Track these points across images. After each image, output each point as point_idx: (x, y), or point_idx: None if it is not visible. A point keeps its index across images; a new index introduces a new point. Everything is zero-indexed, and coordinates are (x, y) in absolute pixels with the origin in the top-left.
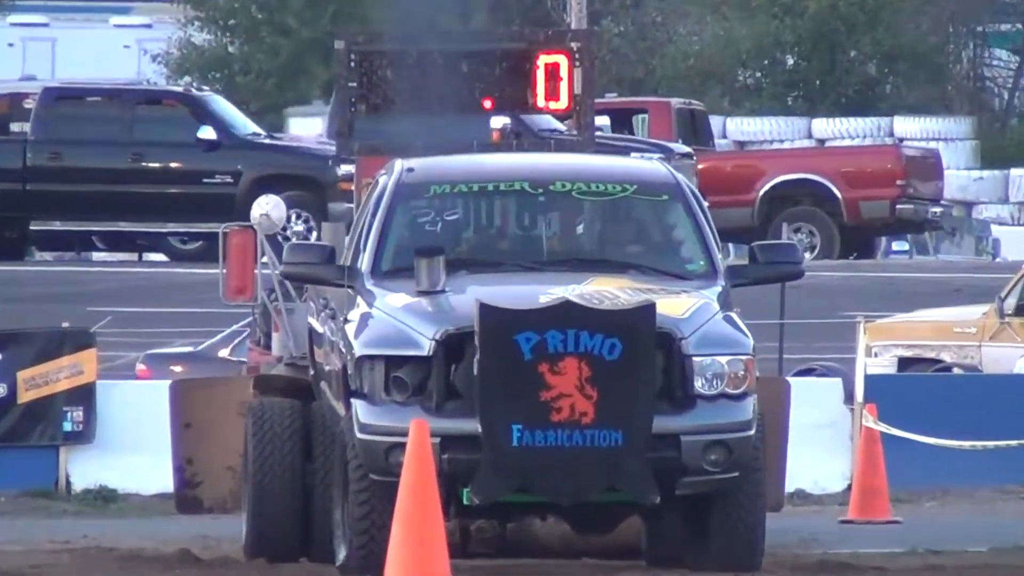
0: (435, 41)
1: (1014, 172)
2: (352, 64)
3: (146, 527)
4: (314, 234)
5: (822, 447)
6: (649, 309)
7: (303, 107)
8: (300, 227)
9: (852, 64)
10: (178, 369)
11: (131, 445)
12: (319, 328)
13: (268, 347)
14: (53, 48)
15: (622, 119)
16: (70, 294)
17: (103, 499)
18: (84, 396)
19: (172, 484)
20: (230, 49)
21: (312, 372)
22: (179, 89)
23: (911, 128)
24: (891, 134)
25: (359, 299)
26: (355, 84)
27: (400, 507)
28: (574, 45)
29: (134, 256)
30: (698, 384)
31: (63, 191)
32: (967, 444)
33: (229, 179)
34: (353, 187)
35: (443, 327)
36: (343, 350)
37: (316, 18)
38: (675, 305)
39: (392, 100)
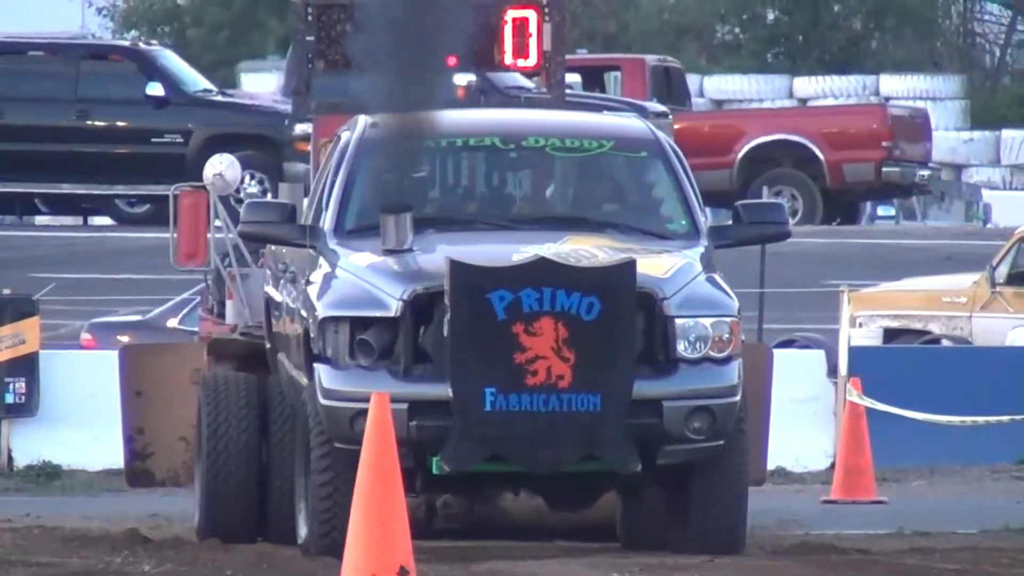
0: None
1: (1006, 133)
2: (309, 18)
3: (92, 505)
4: (268, 195)
5: (804, 423)
6: (629, 267)
7: (257, 62)
8: (254, 188)
9: (836, 19)
10: (125, 339)
11: (76, 419)
12: (276, 296)
13: (221, 316)
14: None
15: (594, 77)
16: (11, 259)
17: (47, 475)
18: (26, 367)
19: (122, 456)
20: (180, 1)
21: (268, 344)
22: (126, 43)
23: (898, 87)
24: (877, 93)
25: (321, 259)
26: (312, 39)
27: (360, 486)
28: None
29: (79, 220)
30: (681, 347)
31: (3, 150)
32: (956, 420)
33: (179, 138)
34: (310, 147)
35: (411, 286)
36: (304, 314)
37: None
38: (656, 264)
39: (351, 56)
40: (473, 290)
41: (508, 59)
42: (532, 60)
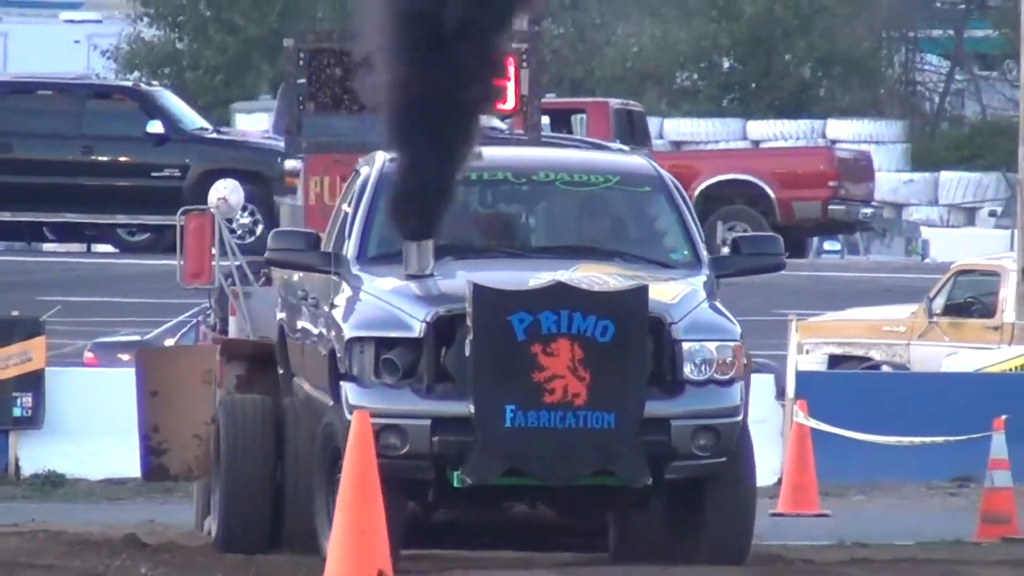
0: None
1: (944, 175)
2: (301, 62)
3: (93, 512)
4: (260, 227)
5: (753, 442)
6: (642, 292)
7: (250, 103)
8: (246, 219)
9: (787, 67)
10: (125, 357)
11: (79, 431)
12: (292, 322)
13: (224, 331)
14: (4, 43)
15: (561, 119)
16: (20, 283)
17: (51, 484)
18: (33, 383)
19: (138, 452)
20: (179, 45)
21: (280, 369)
22: (128, 84)
23: (844, 131)
24: (824, 136)
25: (344, 284)
26: (303, 82)
27: (342, 498)
28: (520, 47)
29: (83, 247)
30: (687, 369)
31: (14, 182)
32: (895, 440)
33: (177, 172)
34: (299, 182)
35: (434, 309)
36: (329, 335)
37: (263, 16)
38: (664, 291)
39: (340, 98)
40: (495, 312)
41: None
42: (511, 103)
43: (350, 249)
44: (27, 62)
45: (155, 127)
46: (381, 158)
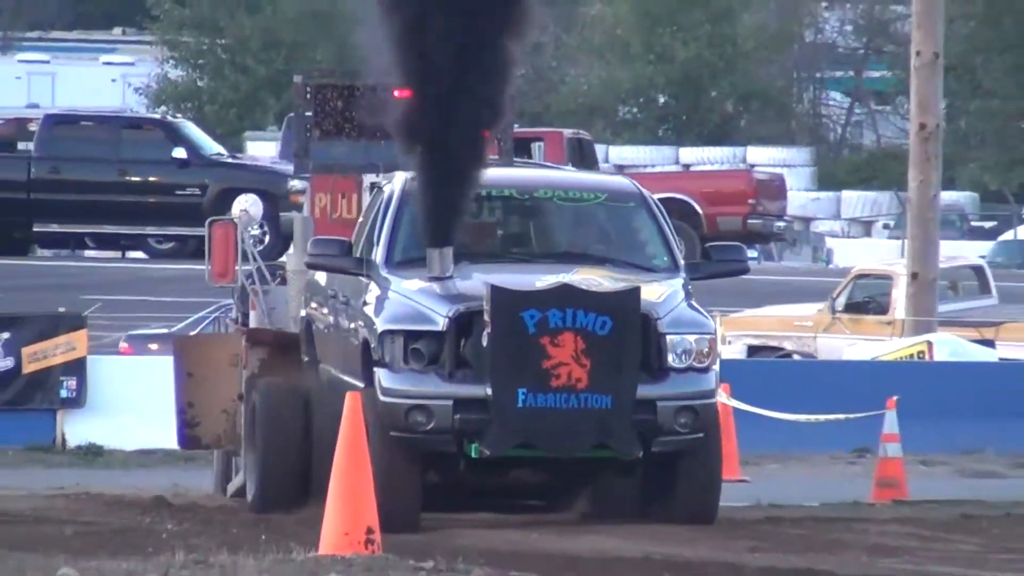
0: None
1: (845, 194)
2: (308, 95)
3: (127, 477)
4: (267, 238)
5: None
6: (635, 292)
7: (259, 132)
8: (256, 231)
9: (713, 103)
10: (154, 347)
11: (116, 410)
12: (320, 316)
13: (245, 324)
14: (52, 82)
15: (522, 146)
16: (65, 284)
17: (92, 454)
18: (77, 369)
19: (175, 424)
20: (199, 83)
21: (306, 357)
22: (157, 116)
23: (761, 156)
24: (744, 161)
25: (373, 285)
26: (310, 113)
27: (337, 466)
28: None
29: (118, 254)
30: (671, 358)
31: (60, 199)
32: (803, 417)
33: (197, 191)
34: (305, 199)
35: (455, 306)
36: (362, 328)
37: (271, 59)
38: (651, 291)
39: (341, 126)
40: (509, 309)
41: None
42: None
43: (378, 255)
44: (71, 98)
45: (179, 153)
46: (401, 177)
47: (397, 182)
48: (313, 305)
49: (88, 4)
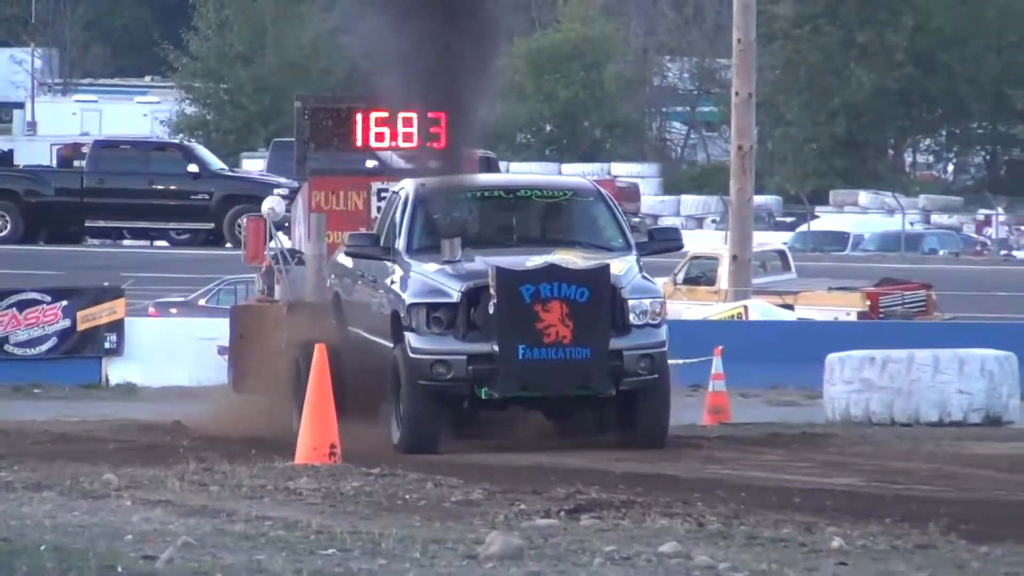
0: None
1: (684, 197)
2: (305, 116)
3: (155, 409)
4: None
5: None
6: (606, 268)
7: (252, 153)
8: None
9: (586, 130)
10: (174, 311)
11: (146, 357)
12: (349, 292)
13: (271, 296)
14: (100, 116)
15: None
16: (107, 265)
17: (128, 391)
18: (117, 327)
19: (228, 373)
20: (207, 117)
21: (335, 322)
22: (176, 142)
23: (621, 170)
24: (610, 173)
25: (397, 267)
26: (307, 129)
27: (308, 400)
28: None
29: (148, 243)
30: (632, 318)
31: (105, 202)
32: None
33: (206, 196)
34: (302, 195)
35: (466, 283)
36: (389, 301)
37: (260, 99)
38: (615, 267)
39: (331, 140)
40: (510, 284)
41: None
42: (443, 143)
43: (401, 244)
44: (113, 128)
45: (192, 168)
46: (413, 183)
47: (410, 186)
48: (341, 282)
49: (126, 58)
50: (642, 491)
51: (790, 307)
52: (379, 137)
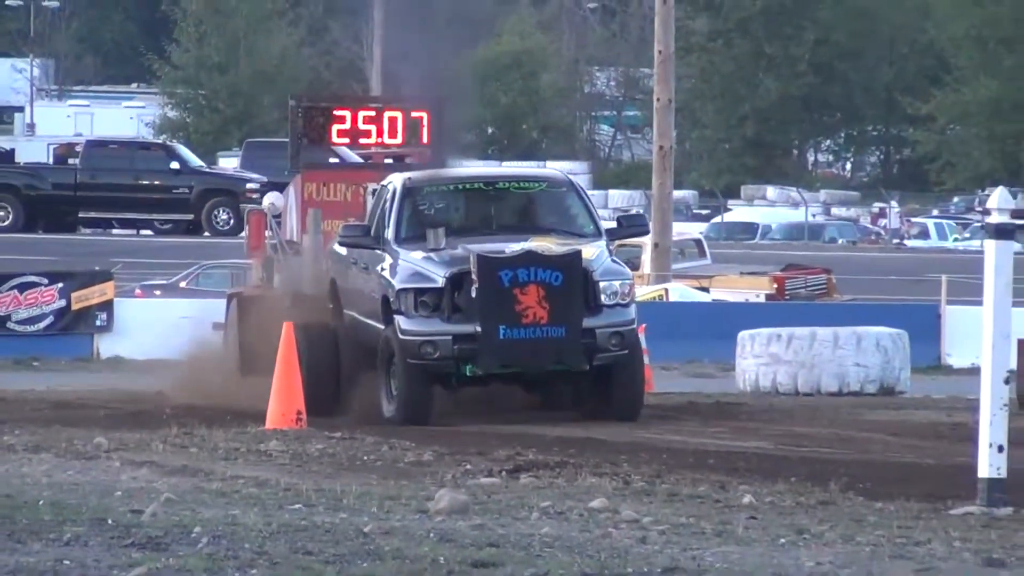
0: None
1: (611, 192)
2: (299, 114)
3: (140, 379)
4: (232, 222)
5: None
6: (578, 254)
7: (227, 152)
8: (224, 216)
9: (524, 132)
10: (158, 293)
11: (132, 333)
12: (344, 278)
13: (271, 283)
14: (92, 119)
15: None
16: (98, 252)
17: (117, 364)
18: (107, 306)
19: (238, 360)
20: (187, 120)
21: (331, 305)
22: (160, 142)
23: (556, 167)
24: None
25: (387, 255)
26: (301, 126)
27: (277, 372)
28: (430, 105)
29: (134, 231)
30: (603, 298)
31: (96, 196)
32: None
33: (186, 191)
34: (291, 185)
35: (450, 269)
36: (380, 287)
37: (235, 104)
38: (587, 251)
39: (322, 136)
40: (490, 270)
41: (411, 138)
42: (425, 139)
43: (390, 233)
44: (103, 129)
45: (175, 165)
46: (401, 177)
47: (397, 181)
48: (337, 270)
49: (115, 68)
50: (574, 453)
51: (706, 290)
52: (366, 134)
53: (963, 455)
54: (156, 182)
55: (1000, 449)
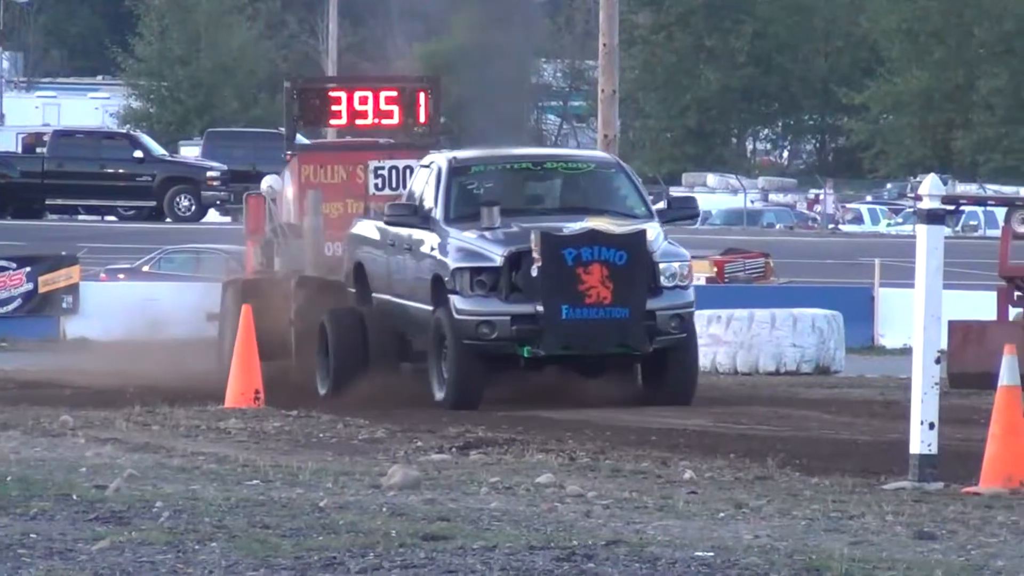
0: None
1: None
2: (294, 96)
3: (104, 359)
4: (193, 208)
5: None
6: (643, 233)
7: (188, 141)
8: (186, 203)
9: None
10: (122, 276)
11: (97, 316)
12: (376, 260)
13: (271, 267)
14: (59, 109)
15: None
16: (65, 237)
17: (83, 345)
18: (73, 290)
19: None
20: (151, 110)
21: (353, 289)
22: (124, 131)
23: None
24: None
25: (435, 235)
26: (296, 108)
27: (236, 351)
28: (428, 84)
29: (99, 217)
30: (663, 280)
31: (63, 183)
32: None
33: (149, 178)
34: (288, 170)
35: (508, 248)
36: (429, 268)
37: (196, 95)
38: (647, 232)
39: (319, 118)
40: (554, 249)
41: (408, 117)
42: (423, 119)
43: (438, 213)
44: (70, 120)
45: (138, 154)
46: (445, 157)
47: (441, 160)
48: (365, 252)
49: (81, 60)
50: (522, 430)
51: None
52: (362, 114)
53: (896, 432)
54: (120, 170)
55: (931, 426)
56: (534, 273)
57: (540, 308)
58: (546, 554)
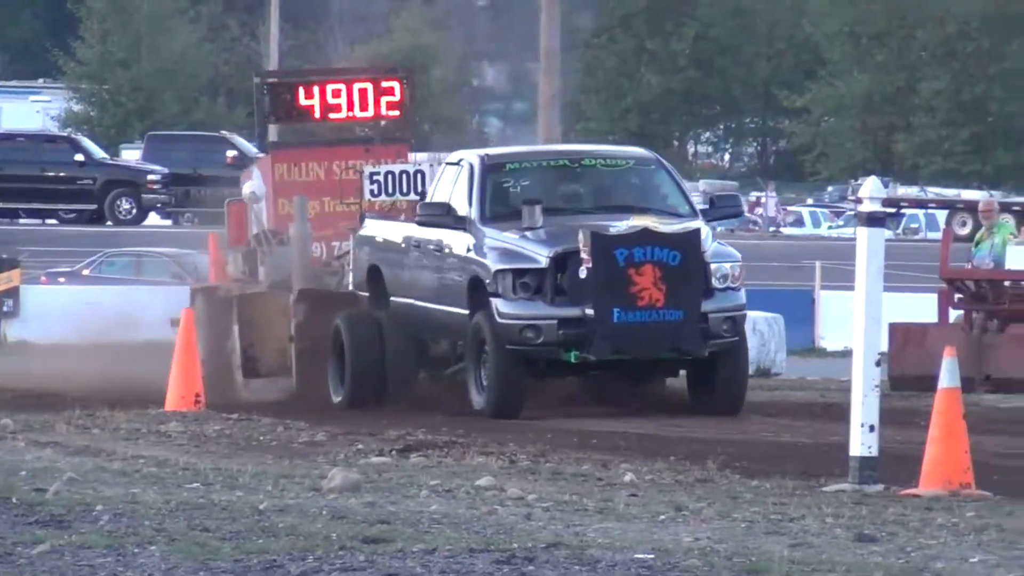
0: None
1: None
2: (265, 91)
3: (44, 362)
4: (135, 211)
5: None
6: (696, 232)
7: (129, 144)
8: (126, 206)
9: (417, 124)
10: (62, 280)
11: (37, 320)
12: (396, 264)
13: (254, 276)
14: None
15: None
16: (6, 241)
17: (23, 348)
18: (14, 293)
19: (239, 361)
20: (92, 113)
21: (368, 294)
22: (65, 135)
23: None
24: (439, 161)
25: (471, 236)
26: (267, 103)
27: (176, 356)
28: (403, 77)
29: (40, 221)
30: (714, 281)
31: (4, 186)
32: None
33: (90, 182)
34: (261, 167)
35: (554, 248)
36: (465, 269)
37: (137, 98)
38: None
39: (289, 114)
40: (605, 249)
41: (383, 111)
42: (397, 112)
43: (473, 212)
44: (10, 123)
45: (79, 157)
46: (475, 155)
47: (472, 158)
48: (383, 255)
49: (22, 63)
50: (462, 433)
51: None
52: (336, 108)
53: (836, 434)
54: (61, 173)
55: (871, 429)
56: (583, 275)
57: (589, 311)
58: (486, 557)
